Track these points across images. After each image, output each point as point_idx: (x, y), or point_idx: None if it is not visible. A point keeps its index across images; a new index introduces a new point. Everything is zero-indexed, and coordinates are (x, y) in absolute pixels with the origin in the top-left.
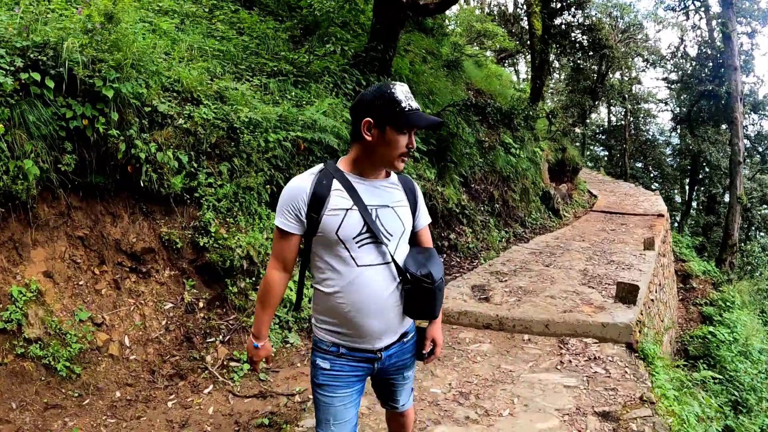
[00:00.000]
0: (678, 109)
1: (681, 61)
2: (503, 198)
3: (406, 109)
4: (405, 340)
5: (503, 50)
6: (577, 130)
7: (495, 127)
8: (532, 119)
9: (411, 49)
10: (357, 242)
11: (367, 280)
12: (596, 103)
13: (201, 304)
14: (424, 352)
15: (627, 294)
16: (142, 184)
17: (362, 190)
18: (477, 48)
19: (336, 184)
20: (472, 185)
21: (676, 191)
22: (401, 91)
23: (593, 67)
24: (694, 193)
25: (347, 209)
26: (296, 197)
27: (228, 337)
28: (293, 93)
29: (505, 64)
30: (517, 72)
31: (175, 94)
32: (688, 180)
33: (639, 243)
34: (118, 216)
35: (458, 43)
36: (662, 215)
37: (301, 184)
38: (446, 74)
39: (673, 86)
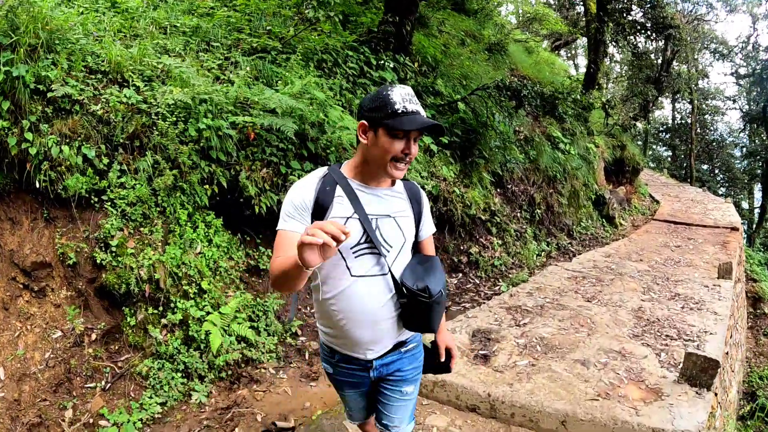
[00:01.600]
0: (748, 106)
1: (752, 52)
2: (547, 202)
3: (399, 111)
4: (403, 349)
5: (558, 38)
6: (639, 125)
7: (538, 118)
8: (584, 108)
9: (447, 30)
10: (354, 252)
11: (361, 291)
12: (660, 94)
13: (93, 336)
14: (441, 360)
15: (699, 372)
16: (38, 185)
17: (364, 199)
18: (527, 33)
19: (339, 190)
20: (509, 186)
21: (742, 197)
22: (399, 93)
23: (656, 52)
24: None
25: (347, 218)
26: (302, 203)
27: (110, 385)
28: (270, 71)
29: (562, 56)
30: (576, 65)
31: (100, 75)
32: (759, 185)
33: (711, 267)
34: (18, 222)
35: (503, 24)
36: (736, 228)
37: (306, 190)
38: (487, 58)
39: (742, 82)
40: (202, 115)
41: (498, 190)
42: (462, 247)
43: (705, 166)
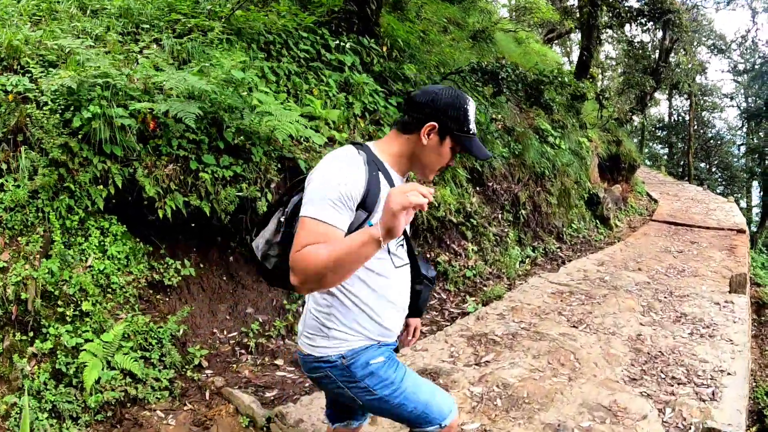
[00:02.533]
0: (746, 103)
1: (751, 47)
2: (533, 201)
3: (471, 132)
4: None
5: (551, 30)
6: (636, 118)
7: (525, 108)
8: (575, 98)
9: (428, 16)
10: (397, 244)
11: (399, 281)
12: (658, 85)
13: None
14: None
15: None
16: None
17: None
18: (516, 22)
19: (381, 178)
20: (489, 184)
21: (740, 195)
22: (472, 110)
23: (654, 42)
24: None
25: None
26: (351, 193)
27: None
28: (201, 54)
29: (557, 51)
30: (570, 62)
31: None
32: (758, 183)
33: (720, 277)
34: None
35: (490, 12)
36: (743, 231)
37: (358, 178)
38: (471, 46)
39: (740, 78)
40: (95, 102)
41: (477, 188)
42: (428, 255)
43: (702, 164)
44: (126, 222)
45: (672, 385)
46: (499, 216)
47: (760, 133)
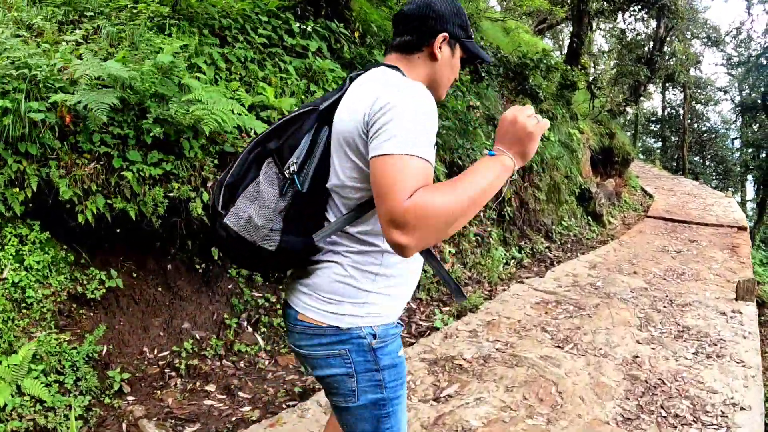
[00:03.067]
0: (740, 96)
1: (746, 40)
2: (520, 198)
3: (471, 35)
4: None
5: (542, 21)
6: (629, 110)
7: (510, 96)
8: (564, 87)
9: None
10: None
11: None
12: (653, 75)
13: None
14: None
15: None
16: None
17: None
18: (504, 12)
19: None
20: None
21: (734, 189)
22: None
23: (648, 31)
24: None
25: None
26: (435, 124)
27: None
28: (145, 41)
29: (550, 44)
30: (562, 54)
31: None
32: (752, 177)
33: (724, 281)
34: None
35: None
36: (744, 228)
37: (435, 108)
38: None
39: (734, 72)
40: (10, 96)
41: None
42: None
43: (697, 158)
44: (50, 228)
45: (675, 427)
46: (482, 214)
47: (754, 127)
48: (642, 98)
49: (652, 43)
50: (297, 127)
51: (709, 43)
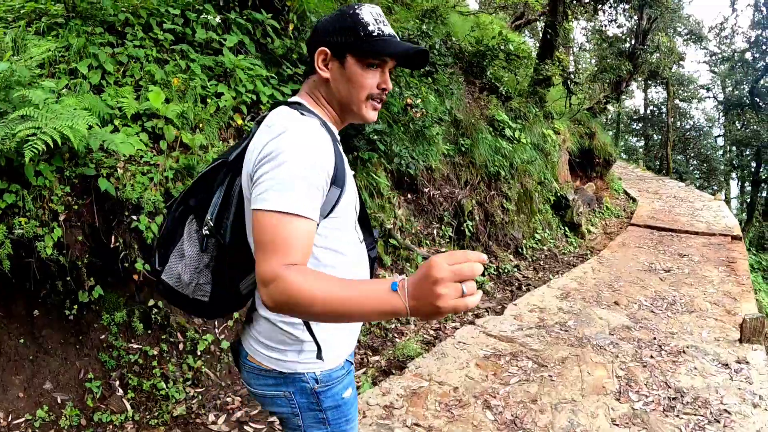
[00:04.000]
0: (723, 94)
1: (730, 36)
2: (485, 209)
3: (375, 33)
4: None
5: (519, 17)
6: (611, 107)
7: (479, 96)
8: (537, 83)
9: None
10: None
11: (365, 263)
12: (636, 71)
13: None
14: None
15: None
16: None
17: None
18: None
19: (339, 148)
20: (425, 190)
21: (717, 188)
22: (370, 11)
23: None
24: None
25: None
26: (325, 166)
27: None
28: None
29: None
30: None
31: None
32: (736, 175)
33: (722, 312)
34: None
35: None
36: (739, 237)
37: (328, 151)
38: (417, 28)
39: (717, 69)
40: None
41: (407, 196)
42: None
43: (680, 156)
44: None
45: None
46: (435, 231)
47: (738, 124)
48: (624, 95)
49: (634, 38)
50: (211, 183)
51: (693, 39)
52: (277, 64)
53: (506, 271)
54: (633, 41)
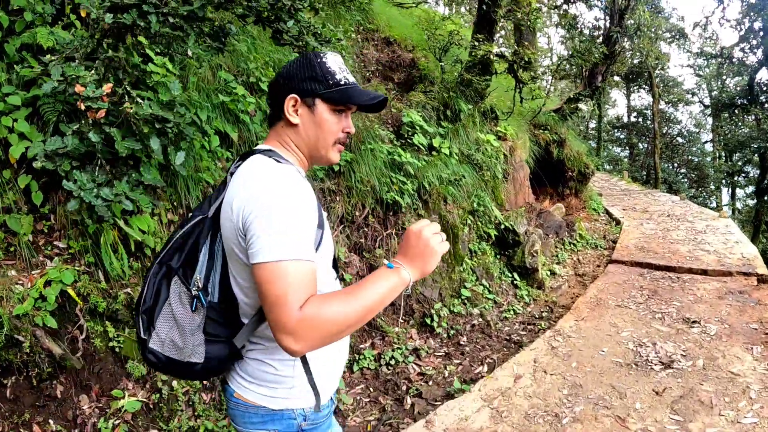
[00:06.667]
0: (709, 99)
1: (714, 34)
2: (369, 262)
3: (342, 82)
4: None
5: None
6: (583, 106)
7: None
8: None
9: None
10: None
11: None
12: (613, 60)
13: None
14: None
15: None
16: None
17: None
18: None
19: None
20: None
21: (706, 195)
22: (334, 61)
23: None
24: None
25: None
26: (311, 209)
27: None
28: None
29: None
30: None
31: None
32: (726, 182)
33: None
34: None
35: None
36: (765, 279)
37: (309, 192)
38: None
39: (702, 72)
40: None
41: None
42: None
43: (668, 165)
44: None
45: None
46: None
47: (725, 128)
48: (600, 94)
49: (609, 18)
50: (194, 240)
51: (677, 36)
52: None
53: (393, 362)
54: (608, 22)
